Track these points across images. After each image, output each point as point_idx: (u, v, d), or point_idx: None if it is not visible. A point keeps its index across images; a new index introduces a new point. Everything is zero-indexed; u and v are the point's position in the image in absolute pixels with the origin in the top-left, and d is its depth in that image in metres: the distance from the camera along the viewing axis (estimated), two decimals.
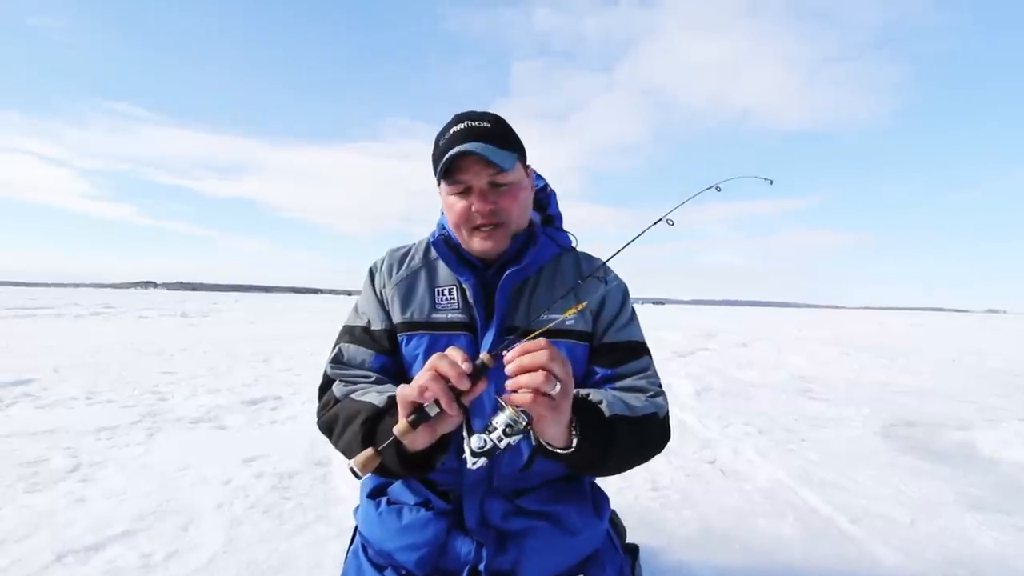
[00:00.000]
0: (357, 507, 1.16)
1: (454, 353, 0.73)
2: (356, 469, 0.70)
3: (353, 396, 0.94)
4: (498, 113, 1.03)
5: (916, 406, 4.45)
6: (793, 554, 1.82)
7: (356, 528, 1.15)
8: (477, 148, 0.93)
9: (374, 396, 0.90)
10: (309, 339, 9.06)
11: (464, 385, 0.70)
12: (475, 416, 0.97)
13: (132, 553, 1.65)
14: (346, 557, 1.12)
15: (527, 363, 0.70)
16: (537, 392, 0.69)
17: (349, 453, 0.78)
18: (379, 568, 1.04)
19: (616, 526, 1.44)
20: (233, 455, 2.62)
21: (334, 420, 0.94)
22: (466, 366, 0.71)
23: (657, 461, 2.71)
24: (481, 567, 0.99)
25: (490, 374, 0.74)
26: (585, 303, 0.90)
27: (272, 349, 7.28)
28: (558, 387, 0.70)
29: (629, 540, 1.46)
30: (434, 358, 0.73)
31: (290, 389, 4.42)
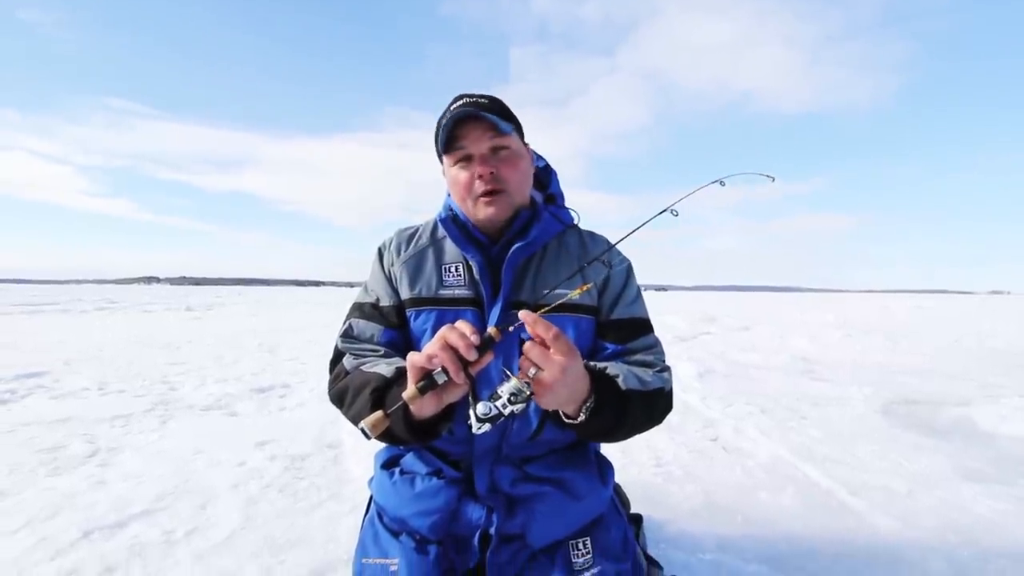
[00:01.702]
0: (372, 478, 1.21)
1: (463, 325, 0.76)
2: (367, 429, 0.74)
3: (363, 368, 0.98)
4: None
5: (917, 385, 4.49)
6: (793, 524, 1.87)
7: (371, 498, 1.20)
8: (475, 111, 0.97)
9: (383, 367, 0.94)
10: (313, 329, 9.13)
11: (472, 356, 0.74)
12: (482, 387, 1.01)
13: (154, 530, 1.71)
14: (362, 525, 1.17)
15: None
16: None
17: (358, 420, 0.83)
18: (395, 534, 1.08)
19: (620, 496, 1.49)
20: (245, 439, 2.68)
21: (344, 390, 0.98)
22: (474, 338, 0.74)
23: (659, 438, 2.76)
24: (492, 531, 1.04)
25: (496, 347, 0.77)
26: (591, 284, 0.94)
27: (277, 340, 7.35)
28: (534, 372, 0.75)
29: (633, 512, 1.51)
30: (444, 329, 0.77)
31: (297, 377, 4.48)
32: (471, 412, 0.76)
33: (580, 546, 1.06)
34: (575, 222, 1.19)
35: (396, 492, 1.09)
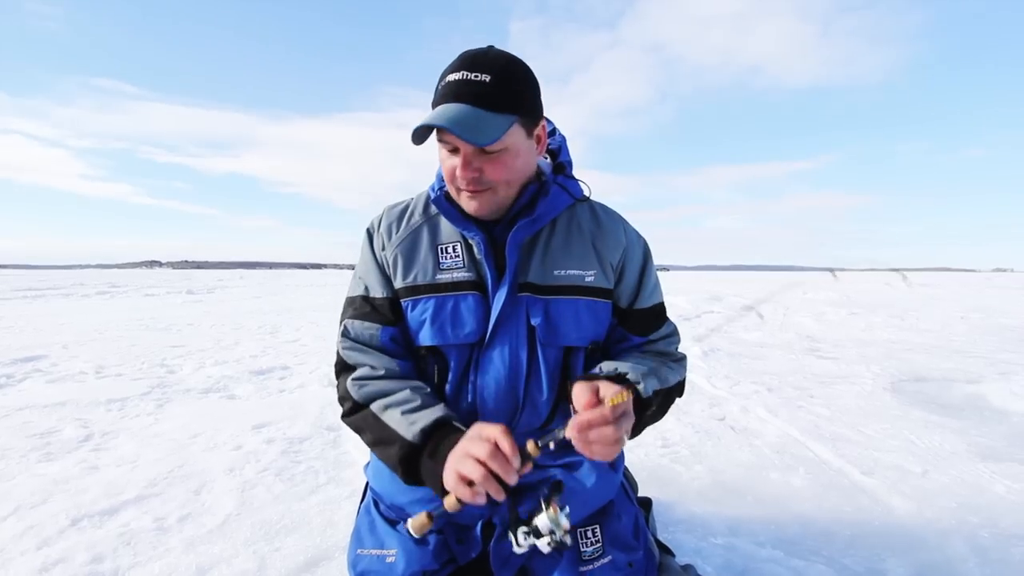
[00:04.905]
0: (367, 463, 1.14)
1: (503, 442, 0.72)
2: (412, 531, 0.74)
3: (375, 411, 0.90)
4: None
5: (926, 362, 4.43)
6: (805, 505, 1.82)
7: (367, 484, 1.13)
8: (456, 121, 0.82)
9: (403, 426, 0.86)
10: (315, 311, 9.08)
11: (513, 480, 0.72)
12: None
13: (146, 517, 1.65)
14: (358, 513, 1.11)
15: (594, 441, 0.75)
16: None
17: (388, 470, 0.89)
18: (391, 523, 1.03)
19: (628, 479, 1.43)
20: (243, 423, 2.63)
21: (362, 430, 0.94)
22: (516, 461, 0.72)
23: (666, 419, 2.70)
24: (495, 519, 0.98)
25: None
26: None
27: (279, 322, 7.30)
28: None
29: (641, 494, 1.45)
30: (482, 452, 0.72)
31: (298, 359, 4.43)
32: (513, 534, 0.80)
33: (589, 534, 1.01)
34: (586, 194, 1.09)
35: (393, 479, 1.01)
